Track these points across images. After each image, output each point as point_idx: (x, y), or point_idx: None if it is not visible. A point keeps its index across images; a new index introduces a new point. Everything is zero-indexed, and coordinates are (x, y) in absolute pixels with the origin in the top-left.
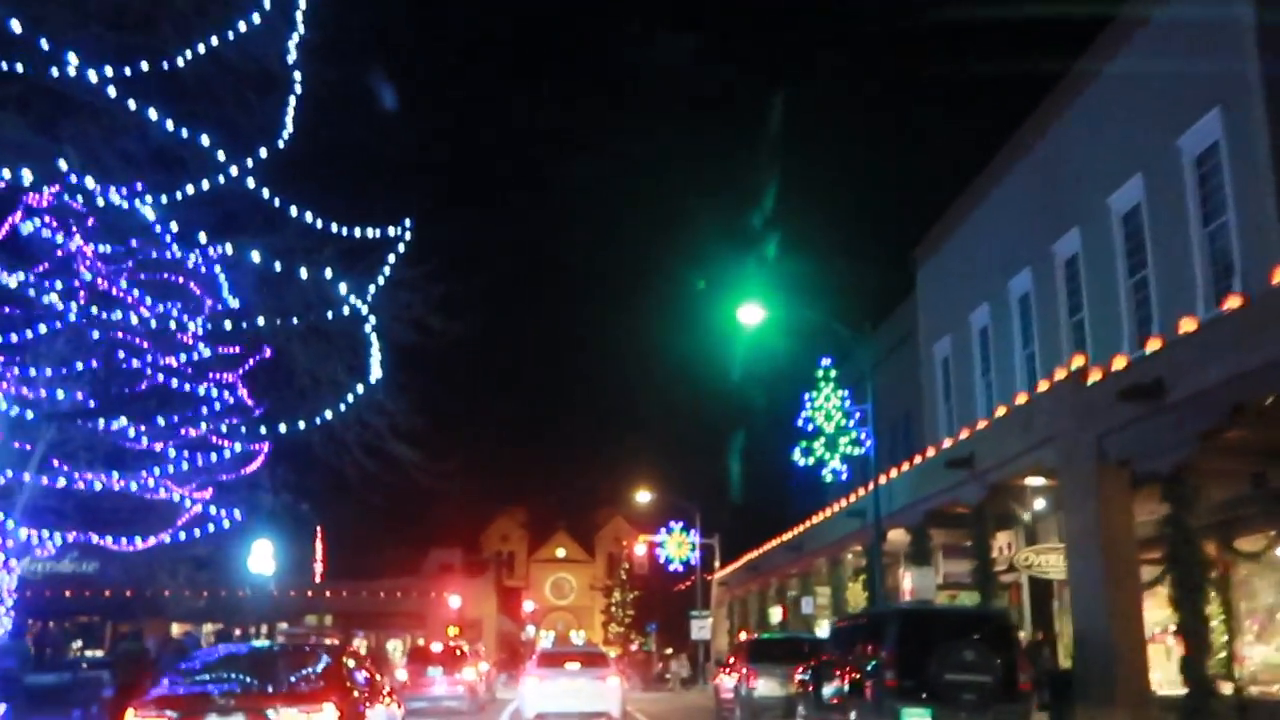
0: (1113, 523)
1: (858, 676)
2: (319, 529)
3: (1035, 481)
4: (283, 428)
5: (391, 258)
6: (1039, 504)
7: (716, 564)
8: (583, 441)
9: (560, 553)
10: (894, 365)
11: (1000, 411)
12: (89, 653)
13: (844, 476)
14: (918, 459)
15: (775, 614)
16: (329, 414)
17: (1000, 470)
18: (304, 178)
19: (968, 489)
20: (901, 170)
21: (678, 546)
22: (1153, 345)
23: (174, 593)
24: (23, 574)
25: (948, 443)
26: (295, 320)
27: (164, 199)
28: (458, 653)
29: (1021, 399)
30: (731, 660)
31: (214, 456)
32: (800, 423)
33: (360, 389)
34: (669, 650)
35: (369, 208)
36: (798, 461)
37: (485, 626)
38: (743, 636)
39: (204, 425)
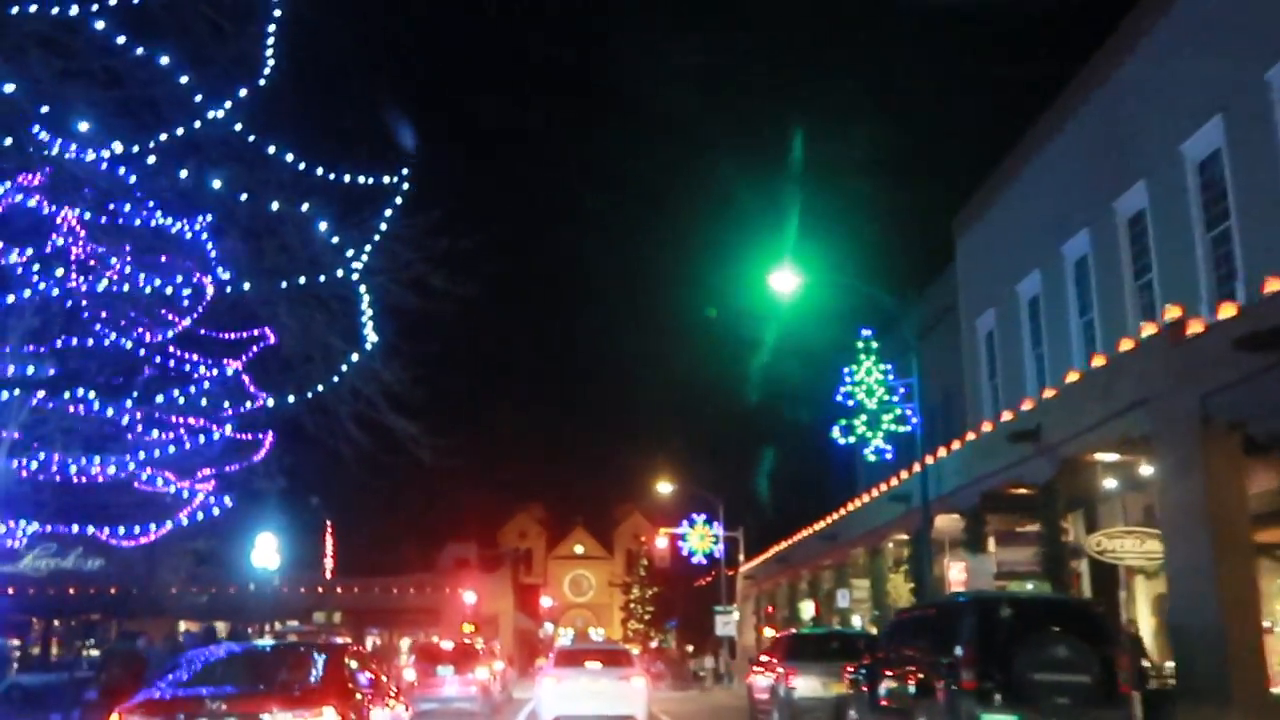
0: (1221, 496)
1: (925, 676)
2: (329, 523)
3: (1107, 457)
4: (270, 402)
5: (388, 213)
6: (1108, 483)
7: (741, 557)
8: (600, 436)
9: (578, 549)
10: (931, 344)
11: (1072, 377)
12: (94, 653)
13: (888, 456)
14: (970, 436)
15: (806, 608)
16: (320, 387)
17: (1074, 442)
18: (288, 120)
19: (1033, 465)
20: (936, 138)
21: (700, 539)
22: (1274, 285)
23: (176, 589)
24: (27, 571)
25: (1006, 415)
26: (284, 284)
27: (136, 149)
28: (470, 650)
29: (1099, 360)
30: (766, 658)
31: (202, 439)
32: (839, 398)
33: (355, 357)
34: (690, 647)
35: (363, 154)
36: (837, 440)
37: (502, 623)
38: (768, 632)
39: (183, 401)
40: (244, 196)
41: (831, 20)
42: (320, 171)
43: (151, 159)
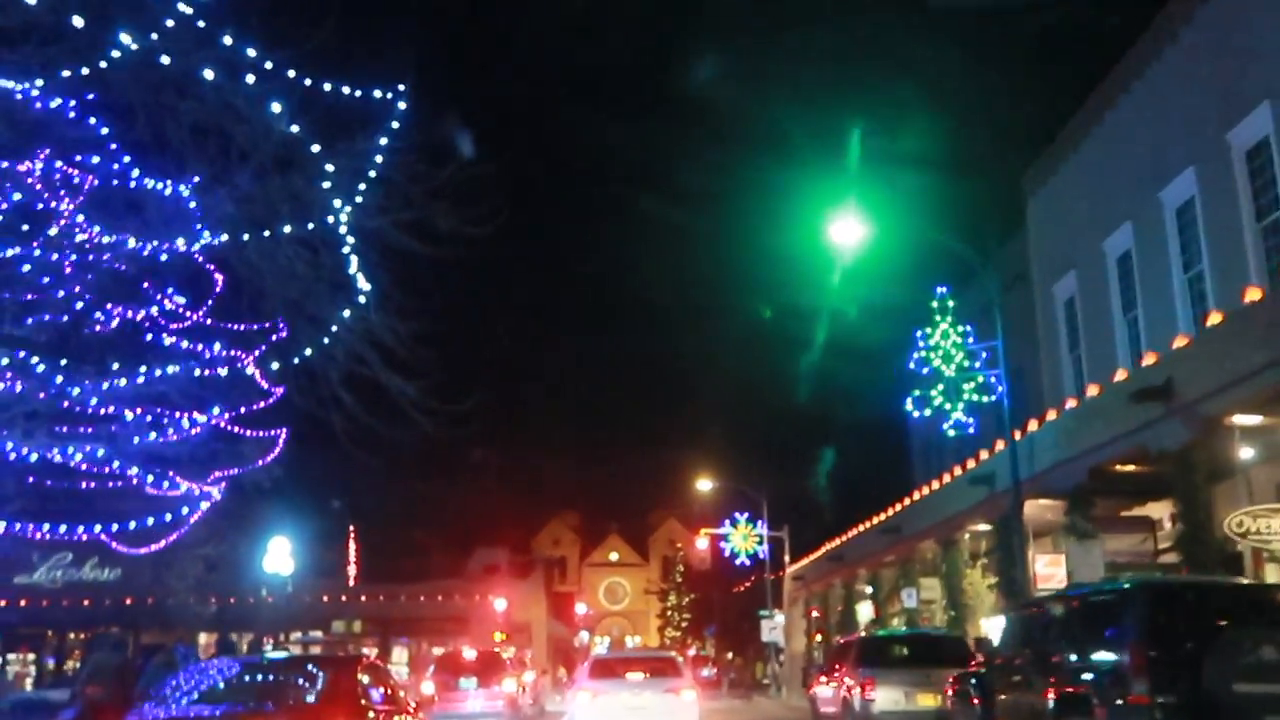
0: None
1: (1070, 688)
2: (352, 529)
3: (1247, 419)
4: (251, 370)
5: (387, 138)
6: (1244, 453)
7: (786, 558)
8: (635, 438)
9: (613, 556)
10: (986, 329)
11: (1214, 319)
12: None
13: (971, 429)
14: (1070, 404)
15: (863, 610)
16: (309, 351)
17: (1220, 398)
18: (265, 25)
19: (1163, 429)
20: (997, 93)
21: (744, 539)
22: None
23: (183, 598)
24: (41, 583)
25: (1120, 374)
26: (265, 232)
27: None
28: (495, 660)
29: (1254, 294)
30: (835, 666)
31: (188, 425)
32: (912, 366)
33: (346, 313)
34: (730, 655)
35: (355, 68)
36: (911, 414)
37: (534, 631)
38: (818, 637)
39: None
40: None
41: None
42: (308, 82)
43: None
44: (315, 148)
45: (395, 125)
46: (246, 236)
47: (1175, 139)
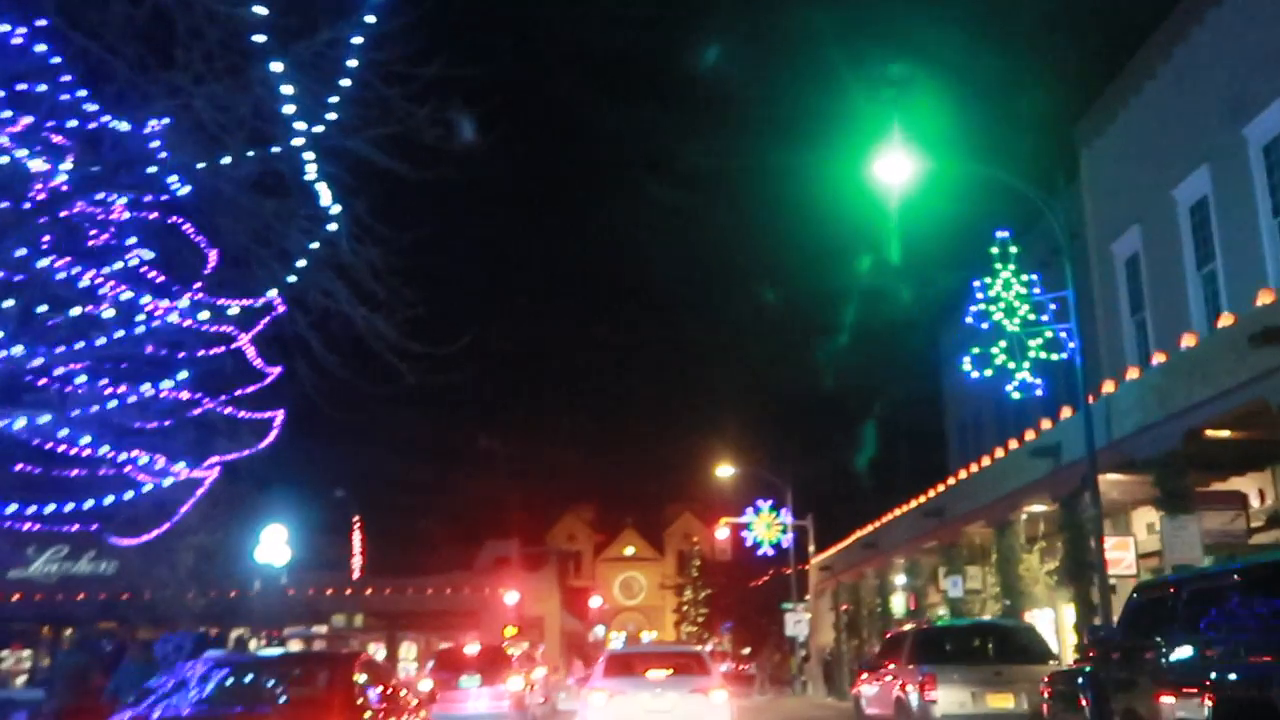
0: None
1: (1242, 690)
2: (357, 520)
3: None
4: (204, 315)
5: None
6: None
7: (811, 548)
8: (650, 429)
9: (629, 551)
10: (1050, 283)
11: None
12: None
13: (1039, 391)
14: (1158, 359)
15: (896, 601)
16: (275, 292)
17: None
18: None
19: None
20: (1057, 28)
21: (767, 528)
22: None
23: (171, 591)
24: (36, 577)
25: (1226, 319)
26: (226, 159)
27: None
28: (500, 655)
29: None
30: (884, 661)
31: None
32: (970, 320)
33: (314, 245)
34: (747, 650)
35: None
36: (970, 374)
37: (547, 625)
38: (834, 629)
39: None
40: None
41: None
42: None
43: None
44: (274, 43)
45: (370, 16)
46: (202, 165)
47: (1260, 66)
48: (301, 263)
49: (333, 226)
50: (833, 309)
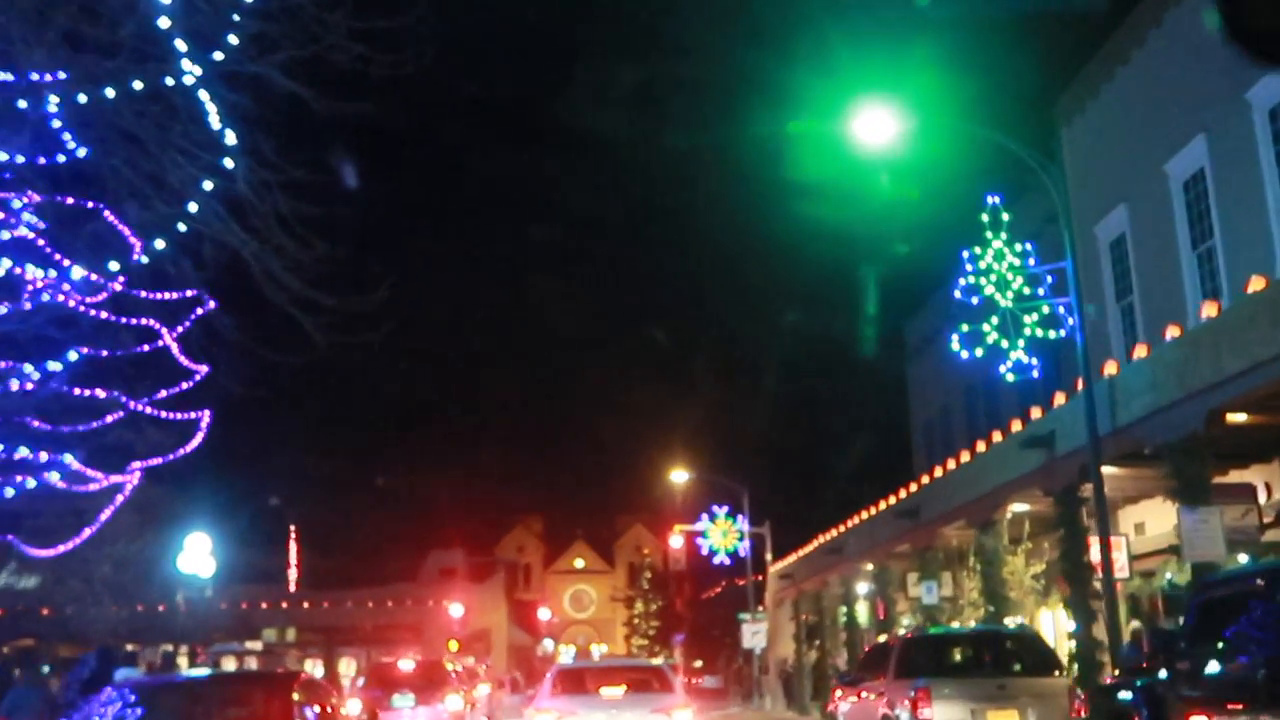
0: None
1: None
2: (293, 529)
3: None
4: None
5: None
6: None
7: (768, 556)
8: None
9: (579, 563)
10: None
11: None
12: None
13: (1036, 373)
14: (1172, 333)
15: (863, 610)
16: (161, 244)
17: None
18: None
19: None
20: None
21: (724, 535)
22: None
23: (85, 605)
24: None
25: (1256, 284)
26: (109, 90)
27: None
28: (438, 671)
29: None
30: (866, 674)
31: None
32: (959, 294)
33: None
34: (699, 663)
35: None
36: (958, 353)
37: (494, 639)
38: (794, 640)
39: None
40: None
41: None
42: None
43: None
44: None
45: None
46: (84, 98)
47: None
48: (194, 207)
49: (229, 163)
50: (789, 308)
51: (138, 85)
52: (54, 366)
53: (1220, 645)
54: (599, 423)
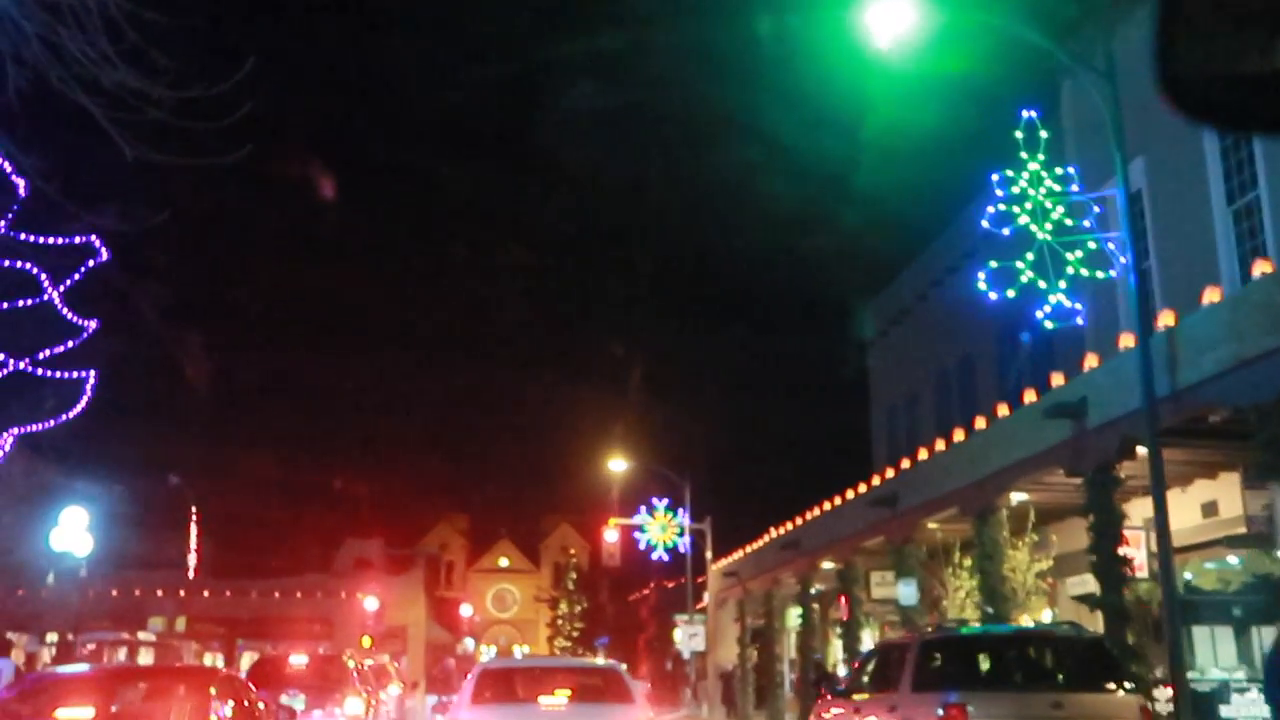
0: None
1: None
2: (194, 511)
3: None
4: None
5: None
6: None
7: (709, 554)
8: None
9: (503, 562)
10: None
11: None
12: None
13: (1080, 320)
14: (1260, 268)
15: (792, 615)
16: None
17: None
18: None
19: None
20: None
21: (662, 530)
22: None
23: None
24: None
25: None
26: None
27: None
28: (335, 669)
29: None
30: (868, 687)
31: None
32: (987, 224)
33: None
34: (623, 667)
35: None
36: (987, 295)
37: (411, 636)
38: (737, 643)
39: None
40: None
41: None
42: None
43: None
44: None
45: None
46: None
47: None
48: None
49: None
50: (744, 288)
51: None
52: None
53: None
54: (529, 420)
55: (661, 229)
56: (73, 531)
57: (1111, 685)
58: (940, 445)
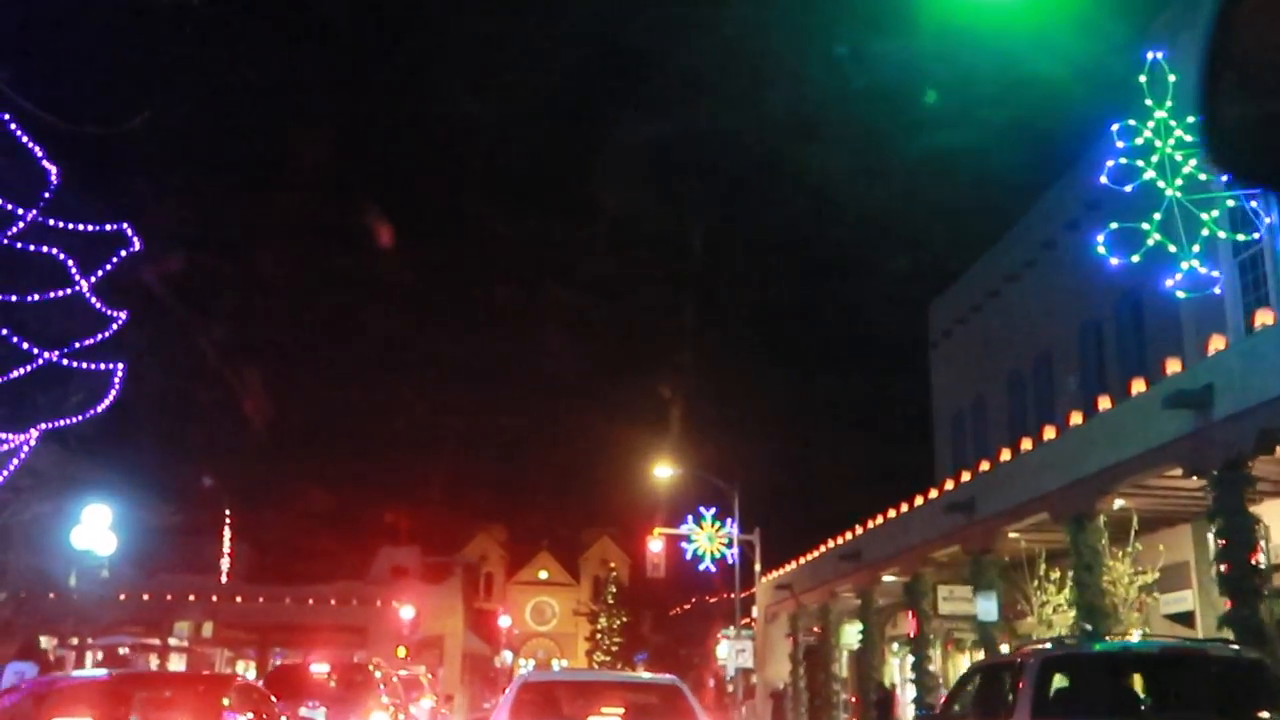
0: None
1: None
2: (228, 515)
3: None
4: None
5: None
6: None
7: (757, 567)
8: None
9: (542, 575)
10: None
11: None
12: None
13: (1218, 289)
14: None
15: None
16: None
17: None
18: None
19: None
20: None
21: (711, 540)
22: None
23: None
24: None
25: None
26: None
27: None
28: (360, 678)
29: None
30: (969, 713)
31: None
32: (1105, 179)
33: None
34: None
35: None
36: (1107, 260)
37: (448, 647)
38: (789, 660)
39: None
40: None
41: None
42: None
43: None
44: None
45: None
46: None
47: None
48: None
49: None
50: (797, 294)
51: None
52: None
53: None
54: (570, 433)
55: (713, 232)
56: (95, 529)
57: (1269, 715)
58: (1026, 445)
